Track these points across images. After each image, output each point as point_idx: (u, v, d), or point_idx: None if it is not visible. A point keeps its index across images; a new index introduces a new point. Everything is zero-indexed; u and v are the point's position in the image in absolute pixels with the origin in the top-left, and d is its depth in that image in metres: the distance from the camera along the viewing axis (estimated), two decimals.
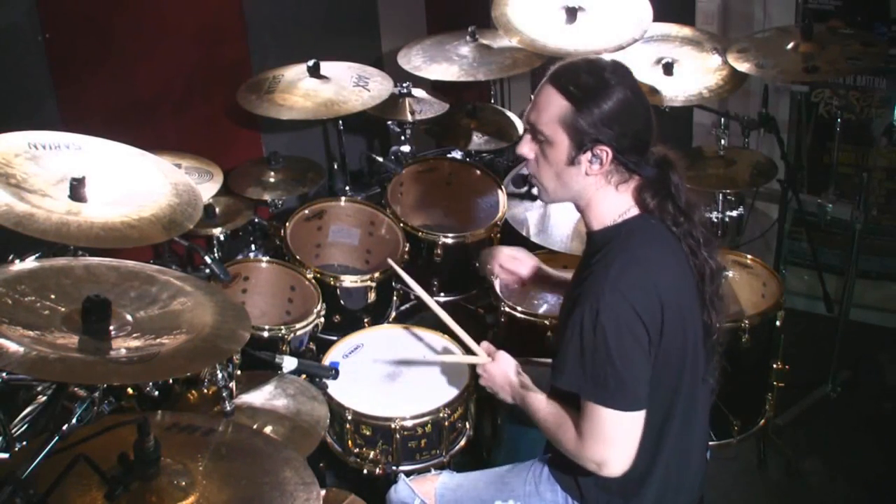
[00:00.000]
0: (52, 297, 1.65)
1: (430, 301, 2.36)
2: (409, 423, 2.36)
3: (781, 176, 3.17)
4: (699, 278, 1.84)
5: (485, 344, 2.18)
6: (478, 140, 3.52)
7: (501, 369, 2.07)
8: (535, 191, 2.89)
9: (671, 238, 1.83)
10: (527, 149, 1.86)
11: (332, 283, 2.86)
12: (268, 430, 2.16)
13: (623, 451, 1.79)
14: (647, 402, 1.78)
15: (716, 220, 3.22)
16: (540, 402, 1.95)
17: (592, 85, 1.75)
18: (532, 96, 1.87)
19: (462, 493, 2.07)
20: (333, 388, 2.40)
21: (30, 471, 1.45)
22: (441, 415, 2.38)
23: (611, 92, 1.75)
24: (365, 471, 2.42)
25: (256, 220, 3.18)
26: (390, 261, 2.65)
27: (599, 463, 1.80)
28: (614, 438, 1.78)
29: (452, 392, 2.44)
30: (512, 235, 3.11)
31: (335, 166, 3.57)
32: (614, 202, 1.84)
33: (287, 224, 3.03)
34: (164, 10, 3.28)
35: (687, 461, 1.95)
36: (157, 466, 1.52)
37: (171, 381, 2.35)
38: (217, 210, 3.08)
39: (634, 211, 1.84)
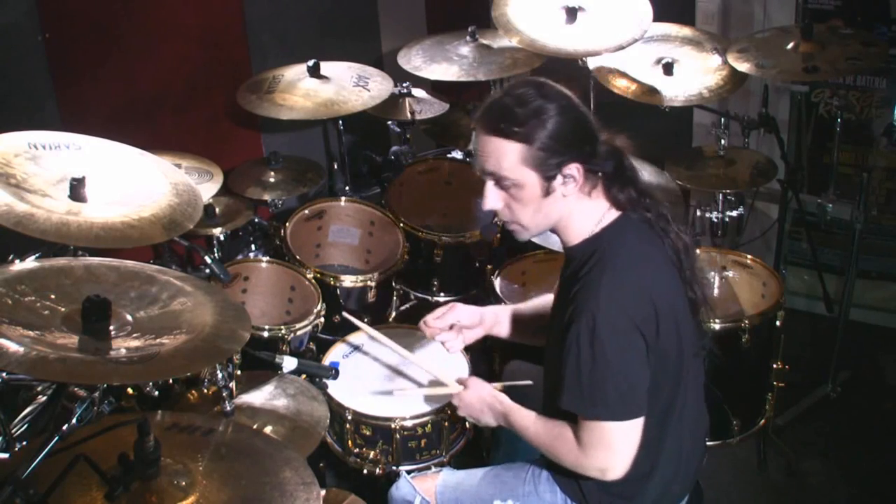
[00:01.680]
0: (52, 297, 1.65)
1: (390, 343, 2.41)
2: (409, 423, 2.36)
3: (781, 176, 3.17)
4: (675, 255, 1.84)
5: (454, 375, 2.20)
6: None
7: (477, 395, 2.09)
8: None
9: (647, 229, 1.83)
10: (493, 200, 1.82)
11: (332, 283, 2.86)
12: (268, 430, 2.16)
13: (626, 456, 1.79)
14: (647, 407, 1.78)
15: (716, 220, 3.22)
16: (527, 419, 1.95)
17: (530, 115, 1.73)
18: (475, 148, 1.82)
19: (462, 491, 2.07)
20: (333, 388, 2.40)
21: (30, 471, 1.45)
22: (441, 415, 2.38)
23: (549, 112, 1.73)
24: (365, 471, 2.42)
25: (256, 220, 3.18)
26: (345, 313, 2.58)
27: (603, 470, 1.81)
28: (617, 446, 1.79)
29: (452, 392, 2.43)
30: (512, 235, 3.10)
31: (335, 166, 3.57)
32: (590, 210, 1.83)
33: (287, 224, 3.03)
34: (165, 10, 3.28)
35: (684, 443, 1.95)
36: (157, 466, 1.52)
37: (171, 381, 2.35)
38: (217, 210, 3.08)
39: (611, 214, 1.83)
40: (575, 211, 1.82)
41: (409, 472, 2.21)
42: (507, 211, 1.84)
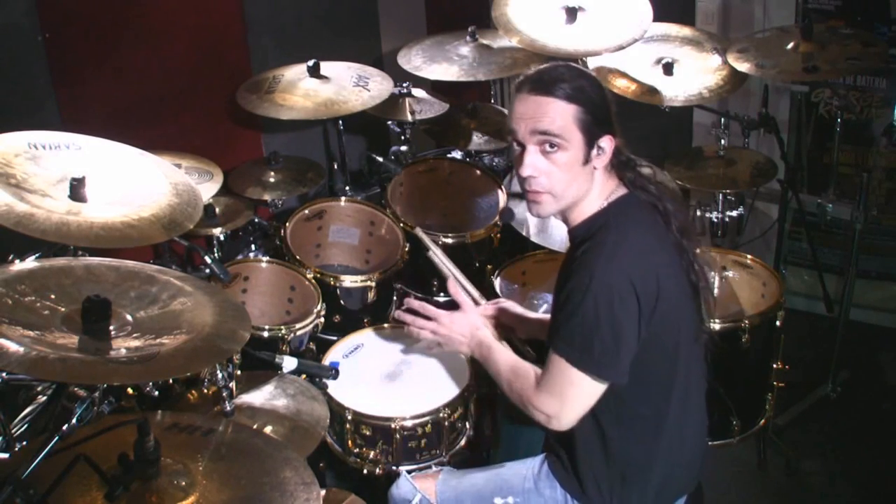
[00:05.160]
0: (52, 297, 1.65)
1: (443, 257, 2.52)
2: (409, 423, 2.36)
3: (781, 176, 3.17)
4: (679, 235, 1.88)
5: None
6: (478, 140, 3.52)
7: (468, 321, 2.17)
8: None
9: (651, 210, 1.88)
10: (536, 164, 1.84)
11: (332, 283, 2.86)
12: (268, 430, 2.16)
13: (576, 411, 1.84)
14: (624, 378, 1.80)
15: (716, 220, 3.22)
16: (500, 354, 2.04)
17: (579, 84, 1.82)
18: (522, 112, 1.84)
19: (462, 490, 2.07)
20: (333, 388, 2.40)
21: (30, 471, 1.45)
22: (441, 415, 2.38)
23: (593, 86, 1.83)
24: (365, 471, 2.43)
25: (256, 220, 3.17)
26: (419, 230, 2.72)
27: (549, 416, 1.86)
28: (572, 398, 1.82)
29: (452, 392, 2.44)
30: (512, 235, 3.11)
31: (335, 166, 3.57)
32: (603, 188, 1.90)
33: (287, 224, 3.03)
34: (164, 10, 3.28)
35: (685, 437, 1.96)
36: (157, 466, 1.52)
37: (171, 381, 2.36)
38: (217, 210, 3.08)
39: (619, 190, 1.90)
40: (592, 188, 1.88)
41: (409, 472, 2.22)
42: (544, 179, 1.85)
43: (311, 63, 3.15)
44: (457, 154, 3.56)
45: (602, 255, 1.77)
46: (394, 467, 2.38)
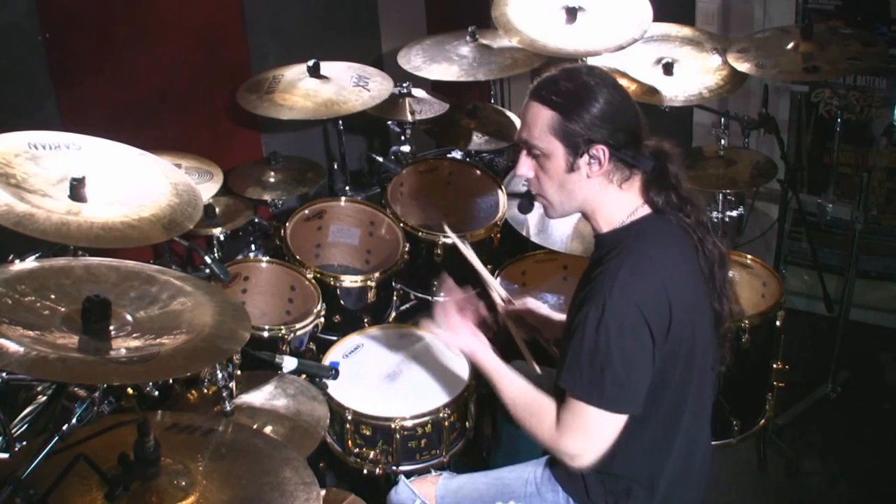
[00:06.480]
0: (52, 297, 1.65)
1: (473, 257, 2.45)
2: (409, 423, 2.36)
3: (781, 176, 3.17)
4: (710, 265, 1.85)
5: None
6: (478, 140, 3.52)
7: (468, 326, 2.07)
8: (540, 210, 2.90)
9: (680, 233, 1.84)
10: (525, 168, 1.87)
11: (332, 283, 2.86)
12: (268, 430, 2.16)
13: (599, 448, 1.80)
14: (640, 407, 1.78)
15: (716, 220, 3.22)
16: (510, 380, 1.95)
17: (573, 89, 1.78)
18: (521, 115, 1.87)
19: (462, 495, 2.07)
20: (333, 388, 2.40)
21: (30, 471, 1.45)
22: (441, 415, 2.38)
23: (593, 92, 1.77)
24: (365, 471, 2.43)
25: (256, 220, 3.18)
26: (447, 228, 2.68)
27: (573, 455, 1.82)
28: (594, 435, 1.79)
29: (452, 392, 2.44)
30: (512, 235, 3.11)
31: (335, 166, 3.57)
32: (621, 202, 1.84)
33: (287, 224, 3.03)
34: (164, 10, 3.29)
35: (693, 454, 1.95)
36: (157, 466, 1.52)
37: (171, 381, 2.36)
38: (217, 210, 3.08)
39: (643, 210, 1.84)
40: (603, 199, 1.84)
41: (408, 474, 2.21)
42: (535, 182, 1.88)
43: (311, 63, 3.15)
44: (457, 154, 3.56)
45: (615, 285, 1.73)
46: (394, 467, 2.38)
